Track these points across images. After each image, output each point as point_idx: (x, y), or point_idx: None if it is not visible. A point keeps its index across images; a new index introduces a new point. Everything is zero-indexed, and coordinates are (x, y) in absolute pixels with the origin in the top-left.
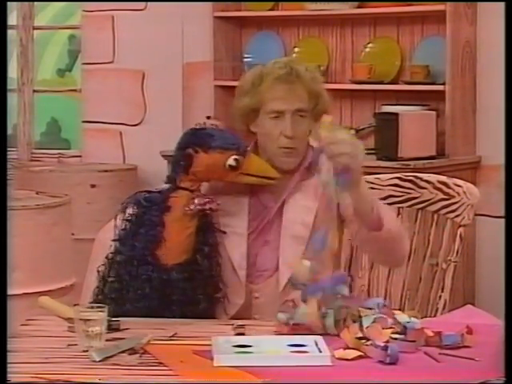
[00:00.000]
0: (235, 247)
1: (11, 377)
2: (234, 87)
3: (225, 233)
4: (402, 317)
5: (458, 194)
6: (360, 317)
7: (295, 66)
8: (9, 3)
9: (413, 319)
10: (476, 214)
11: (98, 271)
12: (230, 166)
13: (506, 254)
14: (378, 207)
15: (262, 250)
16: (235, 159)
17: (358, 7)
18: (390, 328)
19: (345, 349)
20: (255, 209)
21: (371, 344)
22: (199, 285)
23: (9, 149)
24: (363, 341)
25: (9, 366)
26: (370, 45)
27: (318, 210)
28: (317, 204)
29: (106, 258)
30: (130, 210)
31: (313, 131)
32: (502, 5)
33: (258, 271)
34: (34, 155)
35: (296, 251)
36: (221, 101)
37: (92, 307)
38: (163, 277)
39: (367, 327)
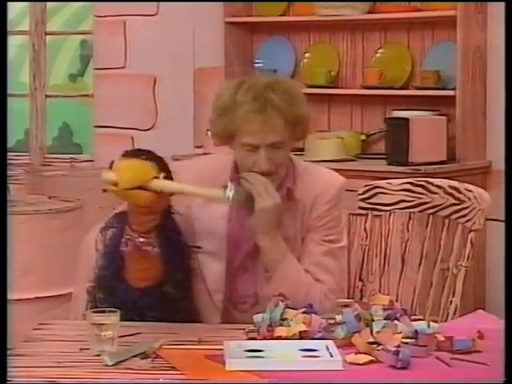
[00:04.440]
0: (211, 269)
1: (24, 381)
2: None
3: (199, 247)
4: (419, 323)
5: (468, 199)
6: (372, 320)
7: (270, 96)
8: (21, 8)
9: (432, 324)
10: (486, 219)
11: (88, 291)
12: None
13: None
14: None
15: (241, 277)
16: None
17: (369, 12)
18: (401, 333)
19: (356, 353)
20: (235, 233)
21: (382, 349)
22: (168, 310)
23: (21, 153)
24: (374, 345)
25: (21, 369)
26: (380, 50)
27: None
28: (293, 232)
29: (94, 273)
30: (114, 225)
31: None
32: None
33: (240, 297)
34: (46, 160)
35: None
36: None
37: (104, 311)
38: (133, 299)
39: (378, 332)
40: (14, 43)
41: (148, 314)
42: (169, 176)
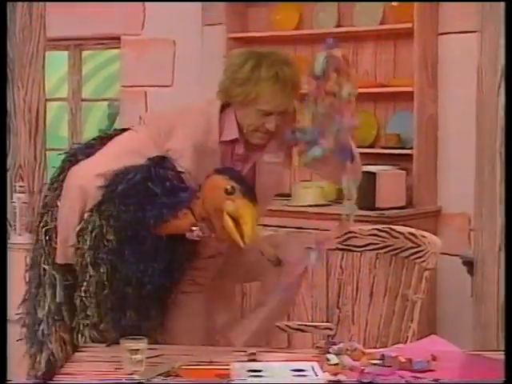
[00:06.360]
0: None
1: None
2: None
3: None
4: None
5: (423, 243)
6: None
7: (287, 71)
8: (58, 77)
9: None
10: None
11: (87, 220)
12: (226, 190)
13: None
14: None
15: None
16: (232, 186)
17: None
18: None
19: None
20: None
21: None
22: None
23: None
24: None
25: None
26: None
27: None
28: (283, 153)
29: (98, 212)
30: (137, 177)
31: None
32: (458, 84)
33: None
34: None
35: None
36: None
37: (134, 339)
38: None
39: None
40: (53, 105)
41: (159, 257)
42: None
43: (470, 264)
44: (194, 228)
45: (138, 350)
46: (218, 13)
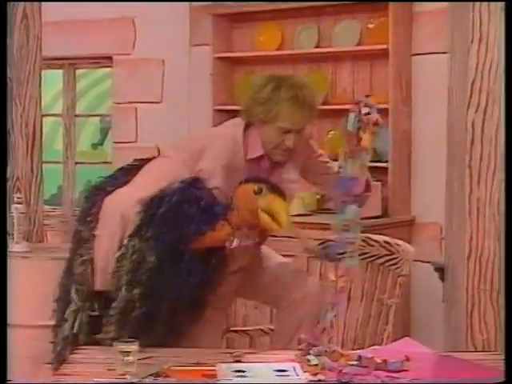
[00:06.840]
0: None
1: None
2: None
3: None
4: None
5: (397, 251)
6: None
7: (306, 93)
8: (53, 94)
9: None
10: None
11: (127, 245)
12: (254, 191)
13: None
14: None
15: None
16: (259, 186)
17: (323, 104)
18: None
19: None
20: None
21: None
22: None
23: (55, 207)
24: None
25: None
26: (331, 132)
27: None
28: (297, 172)
29: (138, 236)
30: (174, 199)
31: None
32: (431, 102)
33: None
34: (76, 211)
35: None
36: None
37: (127, 341)
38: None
39: (316, 364)
40: (48, 121)
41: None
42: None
43: (441, 270)
44: (232, 238)
45: (129, 352)
46: (204, 34)
